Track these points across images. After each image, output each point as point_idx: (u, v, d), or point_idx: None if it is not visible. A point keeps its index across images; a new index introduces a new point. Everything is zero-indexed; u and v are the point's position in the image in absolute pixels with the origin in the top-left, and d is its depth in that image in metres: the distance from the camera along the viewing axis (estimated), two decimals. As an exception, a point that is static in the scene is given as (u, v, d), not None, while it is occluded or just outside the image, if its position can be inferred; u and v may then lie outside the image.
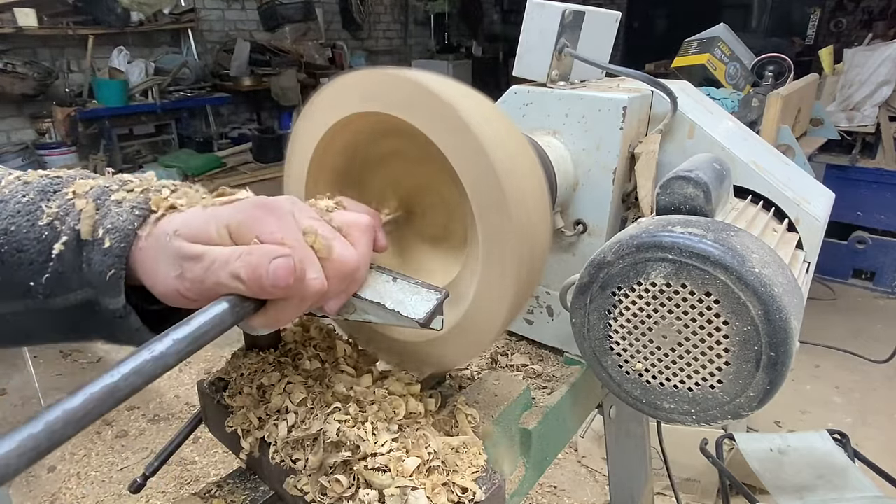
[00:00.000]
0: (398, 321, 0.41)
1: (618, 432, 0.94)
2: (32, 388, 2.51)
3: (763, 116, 1.91)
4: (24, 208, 0.38)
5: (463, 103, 0.40)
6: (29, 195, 0.39)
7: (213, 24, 5.29)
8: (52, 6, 4.01)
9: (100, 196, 0.39)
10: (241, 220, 0.37)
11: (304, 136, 0.49)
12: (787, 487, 1.28)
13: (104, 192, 0.39)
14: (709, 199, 0.52)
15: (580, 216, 0.66)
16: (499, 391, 0.58)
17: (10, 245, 0.38)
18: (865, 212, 3.32)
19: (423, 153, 0.47)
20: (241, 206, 0.38)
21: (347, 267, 0.39)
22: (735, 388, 0.46)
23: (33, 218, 0.38)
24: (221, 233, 0.37)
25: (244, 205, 0.38)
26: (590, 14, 0.70)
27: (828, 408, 2.52)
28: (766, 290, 0.43)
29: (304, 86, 5.24)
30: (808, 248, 0.63)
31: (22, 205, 0.38)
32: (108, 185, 0.40)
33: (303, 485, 0.45)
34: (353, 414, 0.44)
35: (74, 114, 4.08)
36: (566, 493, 2.12)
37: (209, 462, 2.23)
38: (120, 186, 0.40)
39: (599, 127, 0.62)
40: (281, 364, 0.51)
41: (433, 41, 7.43)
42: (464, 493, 0.42)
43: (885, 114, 3.03)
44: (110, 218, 0.38)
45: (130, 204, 0.38)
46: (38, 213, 0.38)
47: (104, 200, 0.39)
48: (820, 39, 5.22)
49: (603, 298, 0.50)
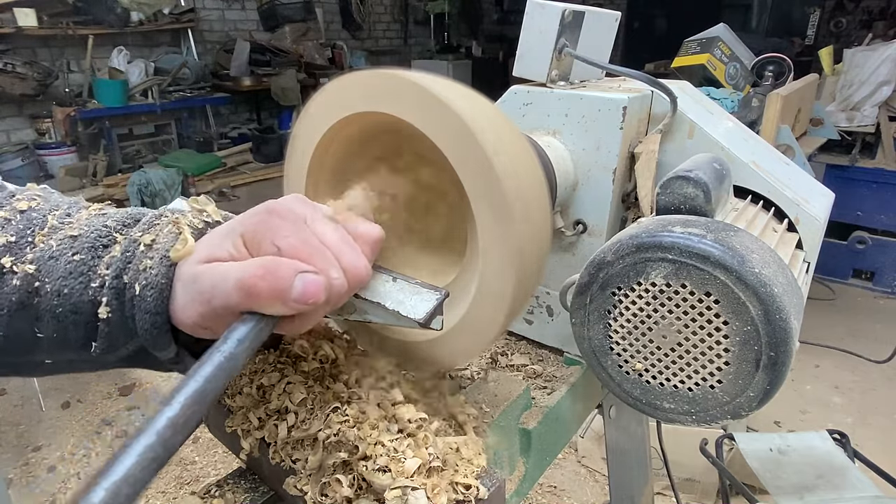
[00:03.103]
0: (398, 321, 0.41)
1: (618, 432, 0.94)
2: (32, 389, 2.51)
3: (763, 116, 1.91)
4: (75, 269, 0.38)
5: (463, 103, 0.40)
6: (79, 254, 0.38)
7: (213, 24, 5.29)
8: (52, 6, 4.01)
9: (128, 248, 0.38)
10: (255, 229, 0.36)
11: (304, 136, 0.49)
12: (787, 487, 1.28)
13: (133, 243, 0.38)
14: (709, 199, 0.52)
15: (580, 216, 0.66)
16: (499, 391, 0.58)
17: (65, 308, 0.37)
18: (865, 212, 3.32)
19: (422, 153, 0.47)
20: (252, 214, 0.37)
21: (358, 278, 0.37)
22: (735, 388, 0.46)
23: (86, 280, 0.37)
24: (237, 245, 0.35)
25: (255, 212, 0.37)
26: (590, 14, 0.70)
27: (828, 408, 2.52)
28: (766, 290, 0.43)
29: (304, 86, 5.24)
30: (808, 248, 0.63)
31: (74, 265, 0.38)
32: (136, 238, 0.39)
33: (303, 485, 0.45)
34: (353, 414, 0.44)
35: (74, 114, 4.09)
36: (566, 493, 2.12)
37: (209, 462, 2.23)
38: (147, 227, 0.39)
39: (599, 127, 0.62)
40: (281, 364, 0.51)
41: (433, 41, 7.44)
42: (467, 490, 0.42)
43: (884, 114, 3.02)
44: (143, 275, 0.36)
45: (159, 255, 0.37)
46: (91, 274, 0.38)
47: (133, 251, 0.38)
48: (820, 39, 5.23)
49: (603, 298, 0.50)
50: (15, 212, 0.40)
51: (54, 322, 0.37)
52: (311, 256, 0.35)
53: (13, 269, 0.37)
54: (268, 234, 0.35)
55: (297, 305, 0.33)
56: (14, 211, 0.40)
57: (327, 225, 0.37)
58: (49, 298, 0.37)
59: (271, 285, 0.33)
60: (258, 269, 0.33)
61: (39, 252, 0.38)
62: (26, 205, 0.41)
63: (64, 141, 4.16)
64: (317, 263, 0.35)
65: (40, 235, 0.39)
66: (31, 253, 0.38)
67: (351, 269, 0.37)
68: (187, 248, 0.36)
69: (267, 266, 0.33)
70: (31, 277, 0.37)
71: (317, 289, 0.33)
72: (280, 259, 0.34)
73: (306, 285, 0.33)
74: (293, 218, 0.36)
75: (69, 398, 2.55)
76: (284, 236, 0.35)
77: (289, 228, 0.35)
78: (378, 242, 0.41)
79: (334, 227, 0.38)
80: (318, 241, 0.36)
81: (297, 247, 0.35)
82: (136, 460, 0.25)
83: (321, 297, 0.34)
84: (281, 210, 0.36)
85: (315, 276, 0.33)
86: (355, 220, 0.40)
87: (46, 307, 0.37)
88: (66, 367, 0.41)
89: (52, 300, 0.37)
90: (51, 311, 0.37)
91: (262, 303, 0.33)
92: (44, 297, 0.37)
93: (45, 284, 0.37)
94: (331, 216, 0.39)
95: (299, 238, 0.35)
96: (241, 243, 0.35)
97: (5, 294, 0.37)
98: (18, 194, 0.42)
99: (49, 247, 0.38)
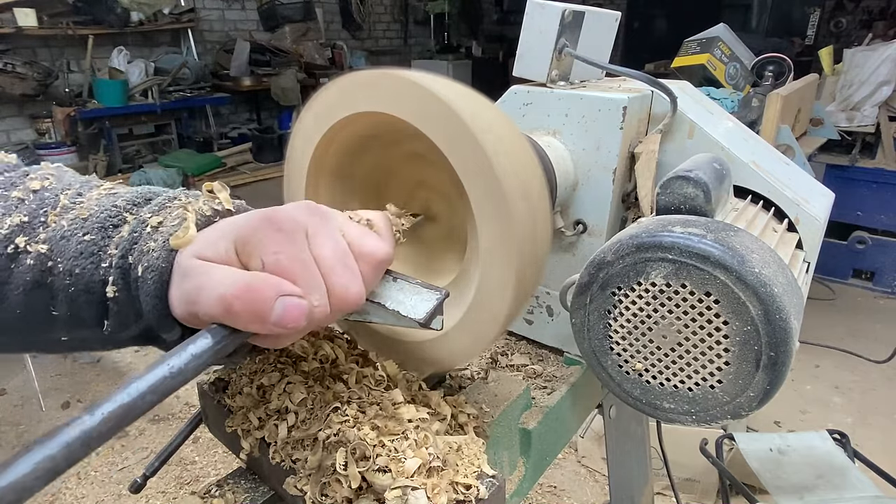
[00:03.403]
0: (398, 321, 0.41)
1: (618, 432, 0.94)
2: (32, 389, 2.51)
3: (763, 116, 1.91)
4: (86, 249, 0.37)
5: (463, 103, 0.40)
6: (90, 234, 0.38)
7: (213, 24, 5.29)
8: (52, 6, 4.01)
9: (136, 228, 0.38)
10: (247, 237, 0.34)
11: (304, 136, 0.49)
12: (787, 487, 1.28)
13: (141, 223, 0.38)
14: (709, 199, 0.52)
15: (580, 216, 0.66)
16: (499, 391, 0.58)
17: (77, 288, 0.37)
18: (865, 212, 3.32)
19: (422, 153, 0.47)
20: (249, 220, 0.36)
21: (345, 302, 0.36)
22: (735, 388, 0.46)
23: (96, 260, 0.37)
24: (229, 250, 0.35)
25: (252, 217, 0.36)
26: (590, 14, 0.70)
27: (828, 408, 2.52)
28: (766, 290, 0.43)
29: (304, 86, 5.25)
30: (808, 248, 0.63)
31: (84, 245, 0.38)
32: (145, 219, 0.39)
33: (303, 485, 0.45)
34: (353, 414, 0.44)
35: (74, 114, 4.09)
36: (566, 493, 2.12)
37: (209, 462, 2.23)
38: (158, 208, 0.39)
39: (599, 127, 0.62)
40: (281, 364, 0.51)
41: (433, 41, 7.44)
42: (467, 490, 0.42)
43: (884, 114, 3.02)
44: (146, 257, 0.36)
45: (163, 238, 0.37)
46: (101, 254, 0.38)
47: (140, 232, 0.38)
48: (820, 39, 5.23)
49: (603, 298, 0.50)
50: (28, 192, 0.40)
51: (68, 301, 0.38)
52: (297, 277, 0.34)
53: (27, 249, 0.38)
54: (258, 247, 0.34)
55: (275, 329, 0.33)
56: (27, 191, 0.40)
57: (329, 239, 0.36)
58: (62, 278, 0.37)
59: (250, 307, 0.32)
60: (239, 288, 0.32)
61: (52, 232, 0.38)
62: (39, 184, 0.41)
63: (64, 141, 4.16)
64: (302, 285, 0.34)
65: (52, 215, 0.39)
66: (43, 233, 0.38)
67: (339, 292, 0.35)
68: (187, 236, 0.36)
69: (250, 285, 0.32)
70: (44, 257, 0.38)
71: (298, 313, 0.33)
72: (263, 278, 0.33)
73: (287, 309, 0.32)
74: (291, 229, 0.35)
75: (69, 398, 2.55)
76: (274, 252, 0.34)
77: (281, 242, 0.34)
78: (383, 263, 0.39)
79: (335, 244, 0.36)
80: (310, 259, 0.34)
81: (283, 265, 0.33)
82: (32, 469, 0.23)
83: (301, 323, 0.33)
84: (280, 219, 0.35)
85: (297, 300, 0.33)
86: (362, 237, 0.39)
87: (60, 286, 0.37)
88: (81, 344, 0.41)
89: (64, 280, 0.37)
90: (64, 290, 0.37)
91: (240, 321, 0.33)
92: (57, 276, 0.37)
93: (58, 264, 0.37)
94: (339, 229, 0.38)
95: (289, 254, 0.34)
96: (234, 248, 0.35)
97: (21, 273, 0.37)
98: (32, 174, 0.42)
99: (61, 227, 0.38)
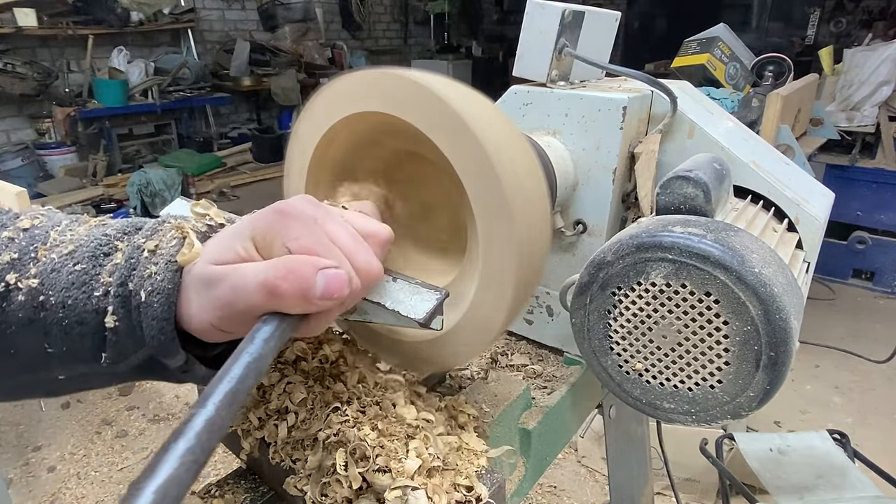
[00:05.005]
0: (398, 321, 0.41)
1: (618, 432, 0.94)
2: (32, 388, 2.51)
3: (763, 116, 1.91)
4: (77, 279, 0.37)
5: (463, 103, 0.40)
6: (80, 263, 0.38)
7: (213, 24, 5.29)
8: (52, 6, 4.01)
9: (132, 255, 0.38)
10: (265, 230, 0.35)
11: (304, 136, 0.49)
12: (787, 487, 1.28)
13: (136, 249, 0.38)
14: (709, 199, 0.52)
15: (580, 216, 0.66)
16: (499, 391, 0.58)
17: (71, 319, 0.37)
18: (865, 212, 3.32)
19: (422, 153, 0.47)
20: (262, 215, 0.37)
21: (371, 277, 0.37)
22: (735, 388, 0.46)
23: (88, 290, 0.37)
24: (247, 247, 0.35)
25: (264, 213, 0.37)
26: (590, 14, 0.70)
27: (828, 408, 2.52)
28: (766, 290, 0.43)
29: (304, 86, 5.25)
30: (808, 248, 0.63)
31: (75, 275, 0.37)
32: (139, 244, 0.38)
33: (303, 485, 0.45)
34: (353, 414, 0.44)
35: (74, 114, 4.09)
36: (566, 493, 2.12)
37: (209, 462, 2.23)
38: (150, 233, 0.39)
39: (599, 127, 0.62)
40: (281, 364, 0.51)
41: (433, 41, 7.44)
42: (468, 490, 0.42)
43: (884, 114, 3.02)
44: (149, 281, 0.36)
45: (164, 260, 0.36)
46: (93, 283, 0.37)
47: (138, 258, 0.37)
48: (820, 39, 5.23)
49: (603, 298, 0.50)
50: (18, 230, 0.40)
51: (62, 334, 0.37)
52: (325, 255, 0.35)
53: (18, 286, 0.37)
54: (279, 235, 0.35)
55: (322, 302, 0.33)
56: (17, 230, 0.40)
57: (338, 225, 0.37)
58: (54, 311, 0.37)
59: (295, 285, 0.33)
60: (280, 270, 0.33)
61: (42, 266, 0.38)
62: (29, 223, 0.41)
63: (64, 141, 4.16)
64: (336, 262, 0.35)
65: (43, 250, 0.39)
66: (34, 267, 0.38)
67: (364, 269, 0.37)
68: (194, 251, 0.36)
69: (289, 266, 0.33)
70: (36, 291, 0.37)
71: (340, 282, 0.34)
72: (300, 257, 0.34)
73: (329, 281, 0.33)
74: (304, 218, 0.36)
75: (69, 398, 2.54)
76: (296, 237, 0.35)
77: (300, 229, 0.35)
78: (388, 242, 0.41)
79: (345, 227, 0.38)
80: (330, 242, 0.36)
81: (309, 247, 0.35)
82: (179, 462, 0.25)
83: (345, 291, 0.34)
84: (291, 211, 0.36)
85: (336, 270, 0.34)
86: (365, 221, 0.41)
87: (53, 320, 0.37)
88: (81, 382, 0.41)
89: (57, 312, 0.37)
90: (57, 323, 0.37)
91: (286, 303, 0.33)
92: (49, 310, 0.37)
93: (50, 297, 0.37)
94: (341, 216, 0.39)
95: (311, 238, 0.35)
96: (252, 245, 0.35)
97: (12, 311, 0.37)
98: (22, 215, 0.42)
99: (51, 260, 0.38)
